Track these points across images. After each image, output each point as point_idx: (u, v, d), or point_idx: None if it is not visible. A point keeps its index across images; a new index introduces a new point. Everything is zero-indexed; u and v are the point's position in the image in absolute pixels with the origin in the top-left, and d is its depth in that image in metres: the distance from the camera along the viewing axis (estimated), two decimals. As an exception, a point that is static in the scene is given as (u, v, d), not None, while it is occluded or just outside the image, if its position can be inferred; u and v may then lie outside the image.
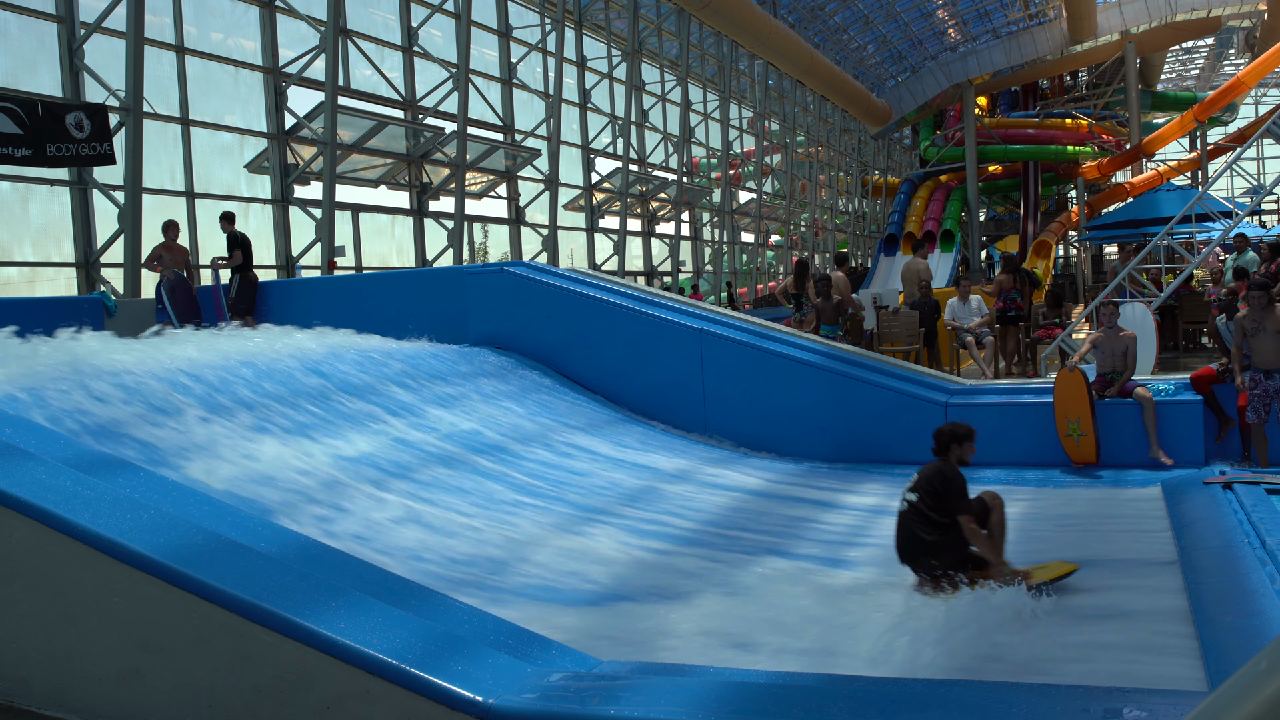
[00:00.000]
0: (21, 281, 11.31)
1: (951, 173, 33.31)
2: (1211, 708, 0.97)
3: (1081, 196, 32.10)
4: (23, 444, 3.79)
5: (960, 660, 3.79)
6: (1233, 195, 35.49)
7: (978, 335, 11.46)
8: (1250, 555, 4.45)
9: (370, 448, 6.10)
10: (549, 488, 6.31)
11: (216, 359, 6.43)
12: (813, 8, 28.72)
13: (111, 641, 3.25)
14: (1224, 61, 46.72)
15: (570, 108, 20.45)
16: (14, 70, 10.97)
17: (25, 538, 3.33)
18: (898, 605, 4.49)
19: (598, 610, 4.26)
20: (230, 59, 13.37)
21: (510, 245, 18.99)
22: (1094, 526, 5.89)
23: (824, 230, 34.70)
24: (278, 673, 2.98)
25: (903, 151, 44.23)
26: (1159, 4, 31.72)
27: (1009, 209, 39.31)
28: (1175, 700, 2.70)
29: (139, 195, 11.45)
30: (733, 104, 27.08)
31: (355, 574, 3.47)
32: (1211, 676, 3.46)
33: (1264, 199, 26.92)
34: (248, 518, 3.81)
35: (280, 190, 13.78)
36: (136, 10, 11.17)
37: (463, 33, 16.24)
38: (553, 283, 9.59)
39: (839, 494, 7.01)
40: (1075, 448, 7.72)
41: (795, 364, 8.64)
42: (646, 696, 2.77)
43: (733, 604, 4.48)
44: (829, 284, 10.93)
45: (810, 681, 3.17)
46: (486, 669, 2.88)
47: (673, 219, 23.82)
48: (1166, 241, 13.40)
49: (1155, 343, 10.69)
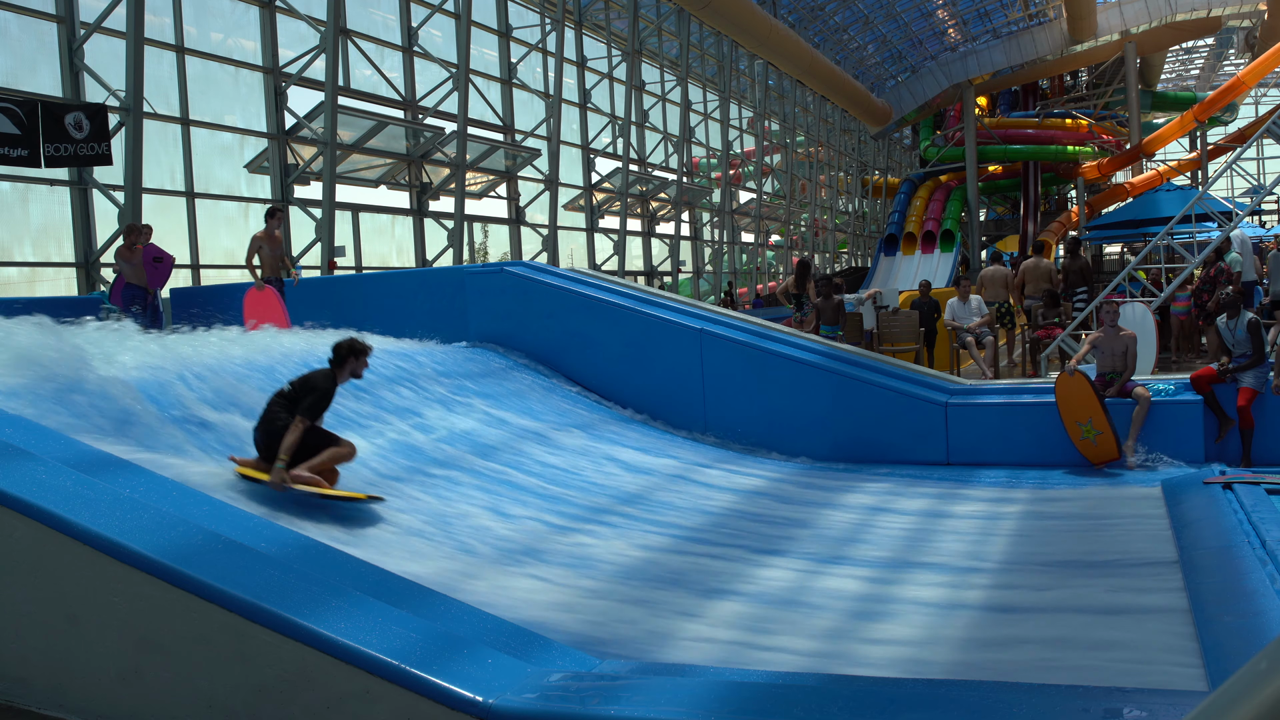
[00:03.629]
0: (21, 281, 11.31)
1: (951, 173, 33.31)
2: (1211, 708, 0.97)
3: (1081, 196, 32.08)
4: (23, 444, 3.79)
5: (960, 658, 3.79)
6: (1233, 195, 35.49)
7: (978, 335, 11.45)
8: (1250, 555, 4.45)
9: (369, 448, 6.10)
10: (547, 487, 6.30)
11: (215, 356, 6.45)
12: (813, 8, 28.72)
13: (111, 641, 3.25)
14: (1224, 61, 46.73)
15: (570, 108, 20.46)
16: (14, 70, 10.97)
17: (25, 538, 3.33)
18: (899, 604, 4.49)
19: (597, 610, 4.26)
20: (230, 59, 13.37)
21: (510, 245, 18.99)
22: (1094, 526, 5.89)
23: (824, 230, 34.69)
24: (278, 673, 2.98)
25: (903, 151, 44.22)
26: (1159, 4, 31.73)
27: (1009, 209, 39.30)
28: (1175, 700, 2.70)
29: (139, 195, 11.45)
30: (733, 104, 27.08)
31: (355, 574, 3.47)
32: (1211, 676, 3.46)
33: (1264, 199, 26.92)
34: (248, 517, 3.81)
35: (280, 190, 13.78)
36: (136, 10, 11.17)
37: (463, 33, 16.24)
38: (553, 282, 9.59)
39: (839, 494, 7.01)
40: (1093, 448, 7.62)
41: (795, 364, 8.64)
42: (646, 696, 2.77)
43: (733, 603, 4.48)
44: (830, 284, 10.94)
45: (810, 681, 3.17)
46: (486, 669, 2.88)
47: (673, 219, 23.82)
48: (1166, 241, 13.39)
49: (1155, 343, 10.68)
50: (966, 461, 8.05)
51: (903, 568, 5.12)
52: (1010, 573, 4.99)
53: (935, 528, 6.03)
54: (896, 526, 6.06)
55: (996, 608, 4.44)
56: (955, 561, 5.22)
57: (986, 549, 5.46)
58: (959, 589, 4.72)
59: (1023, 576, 4.92)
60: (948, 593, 4.67)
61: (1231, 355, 7.74)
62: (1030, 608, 4.44)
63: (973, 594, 4.64)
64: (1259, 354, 7.56)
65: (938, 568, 5.11)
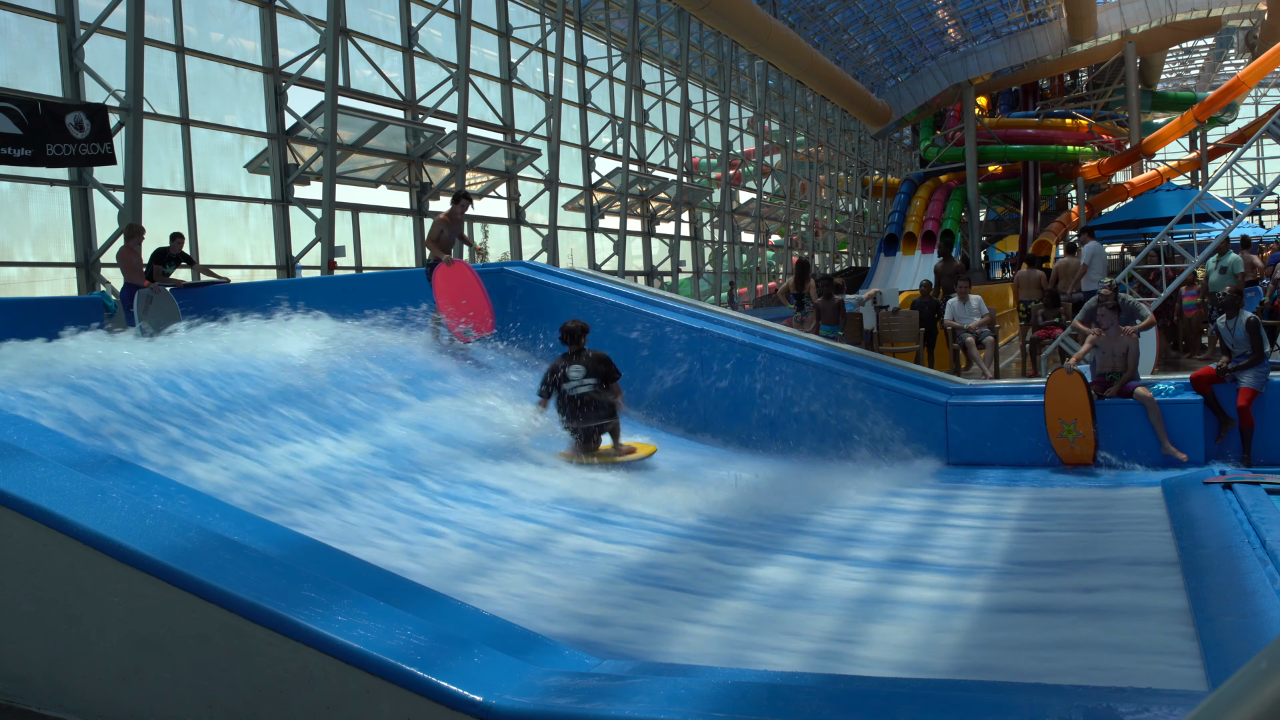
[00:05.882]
0: (21, 281, 11.31)
1: (951, 173, 33.31)
2: (1211, 708, 0.97)
3: (1081, 196, 32.10)
4: (23, 444, 3.79)
5: (960, 658, 3.79)
6: (1233, 195, 35.52)
7: (978, 335, 11.45)
8: (1250, 555, 4.45)
9: (369, 448, 6.10)
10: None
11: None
12: (813, 8, 28.72)
13: (111, 641, 3.25)
14: (1224, 61, 46.72)
15: (570, 108, 20.45)
16: (14, 70, 10.97)
17: (25, 538, 3.32)
18: (898, 604, 4.49)
19: (597, 610, 4.26)
20: (230, 59, 13.37)
21: (510, 245, 18.99)
22: (1094, 526, 5.89)
23: (824, 230, 34.69)
24: (278, 673, 2.98)
25: (903, 151, 44.21)
26: (1159, 4, 31.73)
27: (1009, 209, 39.30)
28: (1175, 700, 2.70)
29: (139, 195, 11.45)
30: (733, 104, 27.07)
31: (355, 574, 3.47)
32: (1211, 676, 3.46)
33: (1264, 199, 26.91)
34: (248, 517, 3.81)
35: (280, 190, 13.78)
36: (136, 10, 11.17)
37: (463, 33, 16.24)
38: (553, 282, 9.59)
39: (838, 494, 7.00)
40: (1070, 449, 7.67)
41: (795, 364, 8.64)
42: (646, 696, 2.77)
43: (733, 603, 4.48)
44: (830, 284, 10.94)
45: (810, 681, 3.17)
46: (486, 669, 2.88)
47: (673, 219, 23.82)
48: (1166, 241, 13.41)
49: (1155, 343, 10.68)
50: (966, 461, 8.06)
51: (902, 568, 5.12)
52: (1010, 573, 4.99)
53: (935, 527, 6.03)
54: (896, 526, 6.06)
55: (996, 608, 4.44)
56: (955, 561, 5.22)
57: (986, 549, 5.46)
58: (958, 589, 4.72)
59: (1022, 577, 4.91)
60: (947, 593, 4.67)
61: (1231, 355, 7.74)
62: (1030, 608, 4.44)
63: (972, 594, 4.64)
64: (1258, 354, 7.56)
65: (937, 568, 5.11)
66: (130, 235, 10.09)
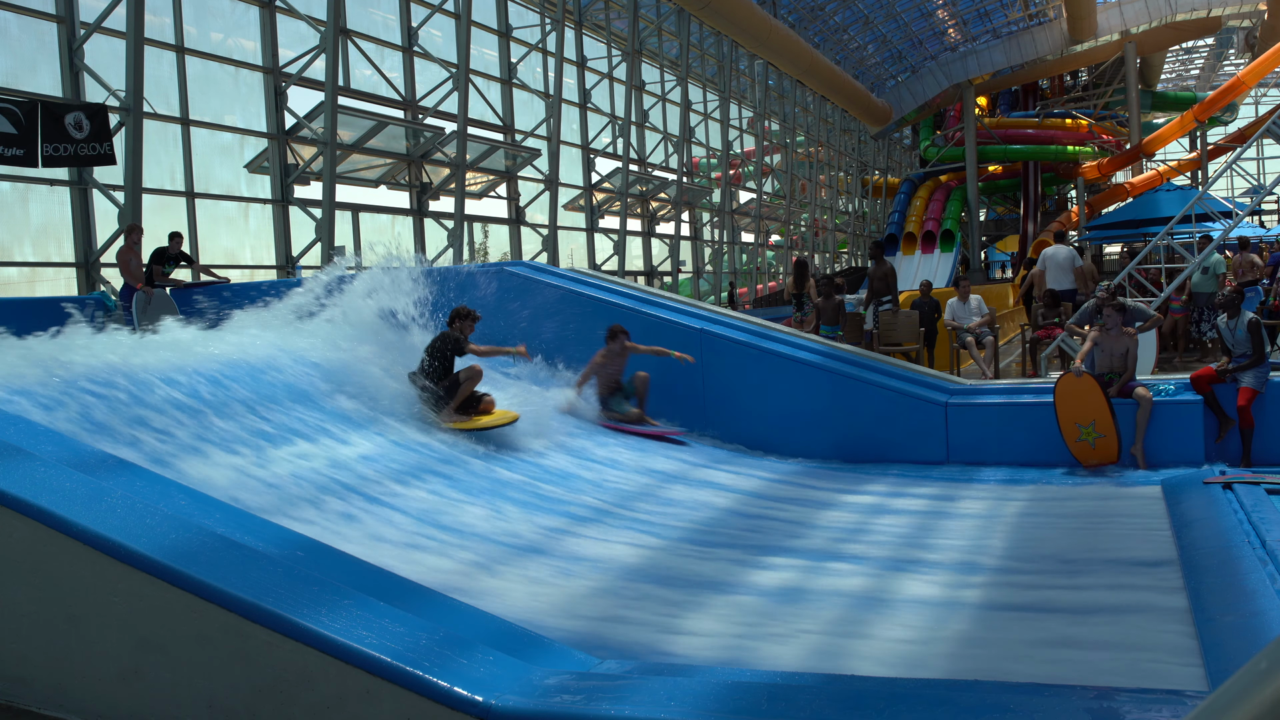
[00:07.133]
0: (21, 281, 11.31)
1: (951, 173, 33.34)
2: (1211, 708, 0.97)
3: (1081, 196, 32.12)
4: (23, 444, 3.79)
5: (960, 657, 3.79)
6: (1233, 195, 35.51)
7: (978, 335, 11.45)
8: (1250, 555, 4.45)
9: (370, 449, 6.10)
10: (544, 488, 6.30)
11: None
12: (813, 8, 28.73)
13: (111, 641, 3.25)
14: (1224, 61, 46.75)
15: (570, 108, 20.46)
16: (14, 70, 10.97)
17: (25, 538, 3.32)
18: (898, 603, 4.49)
19: (597, 610, 4.25)
20: (230, 59, 13.37)
21: (510, 245, 19.00)
22: (1094, 526, 5.89)
23: (824, 230, 34.70)
24: (278, 673, 2.97)
25: (903, 151, 44.23)
26: (1159, 4, 31.75)
27: (1009, 209, 39.33)
28: (1175, 700, 2.70)
29: (139, 195, 11.45)
30: (733, 104, 27.08)
31: (355, 574, 3.47)
32: (1211, 676, 3.46)
33: (1264, 199, 26.92)
34: (248, 517, 3.80)
35: (280, 190, 13.78)
36: (136, 10, 11.17)
37: (463, 33, 16.24)
38: (552, 282, 9.59)
39: (839, 494, 7.01)
40: (1091, 451, 7.57)
41: (795, 364, 8.64)
42: (646, 696, 2.77)
43: (733, 603, 4.48)
44: (830, 284, 10.94)
45: (810, 681, 3.17)
46: (487, 669, 2.88)
47: (673, 219, 23.83)
48: (1166, 241, 13.41)
49: (1155, 343, 10.68)
50: (966, 461, 8.06)
51: (902, 567, 5.12)
52: (1010, 572, 4.99)
53: (935, 527, 6.03)
54: (896, 526, 6.06)
55: (996, 607, 4.43)
56: (955, 561, 5.22)
57: (986, 548, 5.46)
58: (958, 588, 4.72)
59: (1022, 576, 4.92)
60: (947, 592, 4.67)
61: (1231, 355, 7.74)
62: (1030, 607, 4.43)
63: (972, 593, 4.64)
64: (1259, 354, 7.56)
65: (937, 567, 5.11)
66: (130, 235, 10.10)
